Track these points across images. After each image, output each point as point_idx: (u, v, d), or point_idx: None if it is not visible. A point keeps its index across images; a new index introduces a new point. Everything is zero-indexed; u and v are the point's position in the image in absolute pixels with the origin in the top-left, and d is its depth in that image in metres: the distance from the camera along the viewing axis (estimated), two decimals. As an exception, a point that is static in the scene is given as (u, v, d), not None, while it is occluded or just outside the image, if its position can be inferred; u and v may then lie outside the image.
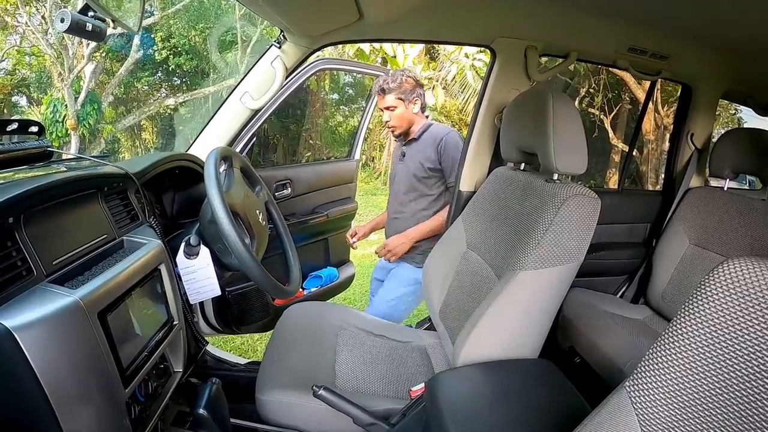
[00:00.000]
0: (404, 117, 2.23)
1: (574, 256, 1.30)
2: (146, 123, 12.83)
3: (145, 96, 12.67)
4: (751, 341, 0.57)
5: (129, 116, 11.95)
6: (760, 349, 0.56)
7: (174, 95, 12.35)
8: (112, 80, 11.54)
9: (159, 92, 12.86)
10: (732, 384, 0.59)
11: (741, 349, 0.58)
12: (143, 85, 12.59)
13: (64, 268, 0.88)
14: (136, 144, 12.99)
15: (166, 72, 12.47)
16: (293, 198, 2.46)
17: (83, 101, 10.72)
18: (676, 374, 0.65)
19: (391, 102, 2.20)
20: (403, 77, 2.20)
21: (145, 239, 1.09)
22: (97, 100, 11.06)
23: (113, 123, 11.63)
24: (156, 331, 1.04)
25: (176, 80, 12.88)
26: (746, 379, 0.57)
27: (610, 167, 10.36)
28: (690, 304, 0.64)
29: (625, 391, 0.71)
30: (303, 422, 1.37)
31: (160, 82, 12.83)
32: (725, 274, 0.61)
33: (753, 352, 0.57)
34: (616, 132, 10.14)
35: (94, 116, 10.86)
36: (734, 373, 0.59)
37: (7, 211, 0.78)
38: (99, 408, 0.84)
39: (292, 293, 1.42)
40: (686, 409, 0.64)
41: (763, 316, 0.57)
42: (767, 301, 0.56)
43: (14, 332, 0.70)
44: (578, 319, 2.09)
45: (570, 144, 1.37)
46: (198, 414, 1.01)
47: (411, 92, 2.21)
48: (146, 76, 12.38)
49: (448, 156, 2.17)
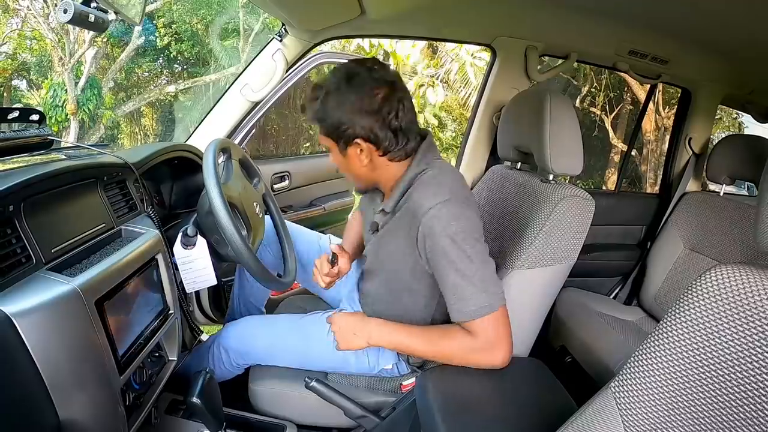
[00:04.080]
0: (349, 169, 1.24)
1: (567, 256, 1.32)
2: (146, 109, 12.80)
3: (145, 82, 12.65)
4: (736, 346, 0.59)
5: (129, 102, 11.93)
6: (744, 355, 0.58)
7: (175, 82, 12.32)
8: (113, 66, 11.52)
9: (160, 79, 12.83)
10: (715, 388, 0.60)
11: (725, 354, 0.60)
12: (144, 71, 12.56)
13: (62, 256, 0.89)
14: (135, 130, 12.97)
15: (167, 59, 12.45)
16: (291, 190, 2.47)
17: (83, 86, 10.72)
18: (661, 377, 0.66)
19: (321, 138, 1.21)
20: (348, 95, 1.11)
21: (143, 229, 1.10)
22: (97, 86, 11.05)
23: (113, 109, 11.61)
24: (152, 319, 1.06)
25: (177, 67, 12.85)
26: (730, 384, 0.59)
27: (609, 167, 10.37)
28: (677, 308, 0.66)
29: (610, 392, 0.73)
30: (295, 412, 1.40)
31: (161, 69, 12.81)
32: (713, 279, 0.63)
33: (737, 357, 0.58)
34: (616, 132, 10.15)
35: (94, 102, 10.85)
36: (718, 377, 0.60)
37: (8, 199, 0.79)
38: (94, 394, 0.86)
39: (288, 285, 1.44)
40: (669, 411, 0.65)
41: (749, 322, 0.58)
42: (753, 308, 0.58)
43: (13, 318, 0.72)
44: (570, 319, 2.11)
45: (566, 146, 1.39)
46: (191, 402, 1.02)
47: (348, 128, 1.13)
48: (147, 62, 12.35)
49: (438, 253, 1.12)
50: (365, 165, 1.20)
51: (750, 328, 0.58)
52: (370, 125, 1.12)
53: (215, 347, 1.43)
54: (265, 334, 1.41)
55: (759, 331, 0.57)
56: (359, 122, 1.12)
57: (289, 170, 2.43)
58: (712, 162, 2.19)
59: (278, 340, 1.41)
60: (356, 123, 1.13)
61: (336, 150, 1.19)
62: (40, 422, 0.77)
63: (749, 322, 0.58)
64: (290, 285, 1.47)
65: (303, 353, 1.38)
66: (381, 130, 1.13)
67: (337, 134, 1.15)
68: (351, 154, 1.18)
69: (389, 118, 1.12)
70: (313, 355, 1.37)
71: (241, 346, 1.41)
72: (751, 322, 0.58)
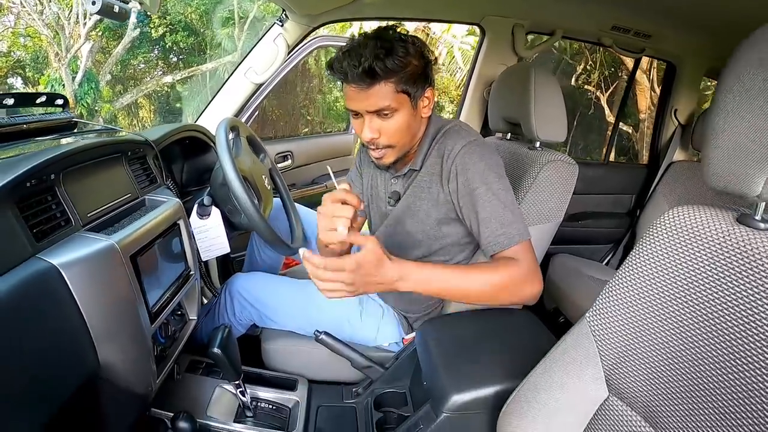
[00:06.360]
0: (411, 128, 1.22)
1: (553, 216, 1.42)
2: (143, 101, 12.79)
3: (141, 74, 12.62)
4: (691, 274, 0.66)
5: (126, 95, 11.93)
6: (697, 280, 0.65)
7: (171, 72, 12.31)
8: (109, 59, 11.50)
9: (155, 70, 12.80)
10: (674, 310, 0.67)
11: (682, 281, 0.67)
12: (140, 63, 12.54)
13: (96, 221, 1.00)
14: (133, 122, 12.97)
15: (162, 49, 12.41)
16: (294, 169, 2.56)
17: (81, 80, 10.68)
18: (628, 305, 0.74)
19: (385, 99, 1.13)
20: (410, 47, 1.13)
21: (165, 198, 1.21)
22: (94, 79, 11.00)
23: (111, 102, 11.62)
24: (175, 279, 1.17)
25: (173, 58, 12.82)
26: (686, 306, 0.66)
27: (606, 144, 10.36)
28: (641, 244, 0.74)
29: (585, 321, 0.82)
30: (305, 368, 1.51)
31: (156, 60, 12.77)
32: (671, 217, 0.71)
33: (692, 283, 0.66)
34: (612, 109, 10.13)
35: (92, 95, 10.82)
36: (677, 302, 0.67)
37: (49, 169, 0.89)
38: (129, 339, 0.96)
39: (296, 250, 1.54)
40: (635, 335, 0.73)
41: (700, 253, 0.66)
42: (702, 241, 0.66)
43: (61, 269, 0.81)
44: (563, 282, 2.21)
45: (550, 115, 1.49)
46: (213, 352, 1.12)
47: (423, 78, 1.17)
48: (143, 53, 12.32)
49: (473, 185, 1.17)
50: (425, 116, 1.25)
51: (702, 257, 0.65)
52: (431, 70, 1.19)
53: (225, 294, 1.52)
54: (271, 291, 1.51)
55: (710, 260, 0.64)
56: (429, 68, 1.18)
57: (291, 150, 2.52)
58: (697, 132, 2.28)
59: (282, 299, 1.50)
60: (429, 67, 1.18)
61: (407, 106, 1.17)
62: (84, 361, 0.87)
63: (700, 253, 0.65)
64: (297, 250, 1.58)
65: (306, 317, 1.47)
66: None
67: (416, 84, 1.15)
68: (419, 106, 1.21)
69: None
70: (314, 318, 1.46)
71: (248, 295, 1.49)
72: (702, 252, 0.65)
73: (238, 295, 1.50)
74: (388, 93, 1.12)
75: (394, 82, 1.11)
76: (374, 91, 1.11)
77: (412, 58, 1.12)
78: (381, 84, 1.10)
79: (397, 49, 1.09)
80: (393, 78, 1.10)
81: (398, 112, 1.15)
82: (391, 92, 1.12)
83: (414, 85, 1.14)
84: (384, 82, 1.10)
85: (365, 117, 1.17)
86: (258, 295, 1.50)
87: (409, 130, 1.21)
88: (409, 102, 1.16)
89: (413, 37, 1.15)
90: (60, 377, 0.81)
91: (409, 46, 1.12)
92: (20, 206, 0.81)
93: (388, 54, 1.08)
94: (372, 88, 1.11)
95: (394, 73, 1.10)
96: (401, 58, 1.09)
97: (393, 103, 1.13)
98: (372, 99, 1.12)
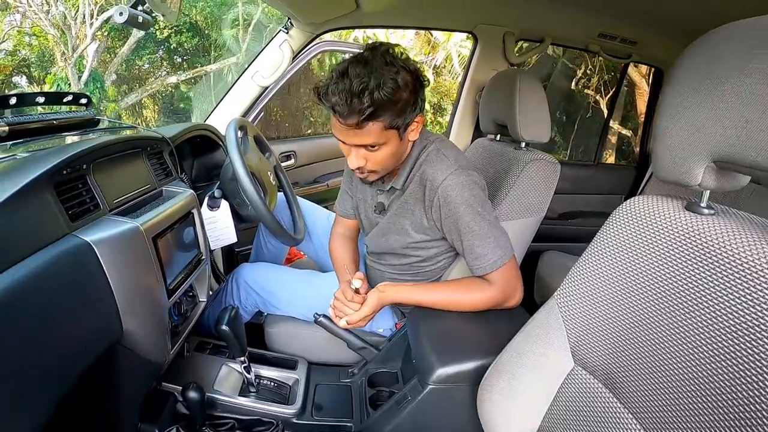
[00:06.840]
0: (396, 154, 1.24)
1: (535, 210, 1.54)
2: (147, 101, 12.87)
3: (146, 74, 12.71)
4: (645, 258, 0.73)
5: (131, 94, 12.00)
6: (652, 263, 0.72)
7: (176, 73, 12.39)
8: (115, 59, 11.58)
9: (160, 70, 12.88)
10: (631, 291, 0.74)
11: (637, 263, 0.74)
12: (145, 63, 12.62)
13: (122, 206, 1.11)
14: (137, 122, 13.04)
15: (167, 50, 12.49)
16: (297, 168, 2.65)
17: (87, 80, 10.74)
18: (590, 284, 0.82)
19: (373, 137, 1.15)
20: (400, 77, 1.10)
21: (181, 189, 1.32)
22: (100, 79, 11.05)
23: (117, 101, 11.70)
24: (188, 262, 1.27)
25: (177, 58, 12.90)
26: (641, 287, 0.73)
27: (606, 148, 10.42)
28: (602, 231, 0.83)
29: (554, 299, 0.90)
30: (305, 350, 1.62)
31: (161, 60, 12.86)
32: (629, 207, 0.79)
33: (646, 266, 0.73)
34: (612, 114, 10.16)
35: (97, 95, 10.87)
36: (632, 283, 0.74)
37: (81, 160, 1.00)
38: (149, 312, 1.06)
39: (299, 241, 1.67)
40: (597, 310, 0.80)
41: (653, 237, 0.73)
42: (656, 227, 0.73)
43: (93, 245, 0.92)
44: (551, 277, 2.29)
45: (534, 117, 1.61)
46: (221, 329, 1.22)
47: (413, 108, 1.16)
48: (148, 54, 12.40)
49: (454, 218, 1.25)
50: (412, 140, 1.26)
51: (655, 241, 0.72)
52: (422, 95, 1.18)
53: (231, 282, 1.63)
54: (275, 279, 1.62)
55: (662, 243, 0.71)
56: (420, 95, 1.16)
57: (294, 150, 2.62)
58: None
59: (286, 287, 1.61)
60: (419, 96, 1.16)
61: (395, 138, 1.18)
62: (111, 328, 0.97)
63: (654, 237, 0.72)
64: (301, 241, 1.70)
65: (307, 304, 1.58)
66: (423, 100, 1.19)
67: (405, 116, 1.14)
68: (407, 132, 1.21)
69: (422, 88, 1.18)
70: (315, 305, 1.55)
71: (254, 283, 1.61)
72: (656, 236, 0.72)
73: (244, 283, 1.61)
74: (376, 131, 1.13)
75: (382, 121, 1.11)
76: (363, 131, 1.13)
77: (402, 92, 1.10)
78: (369, 124, 1.11)
79: (386, 83, 1.07)
80: (382, 117, 1.11)
81: (386, 145, 1.18)
82: (380, 130, 1.13)
83: (403, 118, 1.14)
84: (373, 122, 1.11)
85: (352, 149, 1.20)
86: (263, 283, 1.61)
87: (395, 157, 1.24)
88: (397, 134, 1.17)
89: (405, 62, 1.13)
90: (89, 341, 0.91)
91: (399, 76, 1.10)
92: (57, 191, 0.91)
93: (378, 88, 1.06)
94: (361, 129, 1.12)
95: (384, 112, 1.10)
96: (390, 95, 1.08)
97: (381, 139, 1.15)
98: (360, 137, 1.15)
